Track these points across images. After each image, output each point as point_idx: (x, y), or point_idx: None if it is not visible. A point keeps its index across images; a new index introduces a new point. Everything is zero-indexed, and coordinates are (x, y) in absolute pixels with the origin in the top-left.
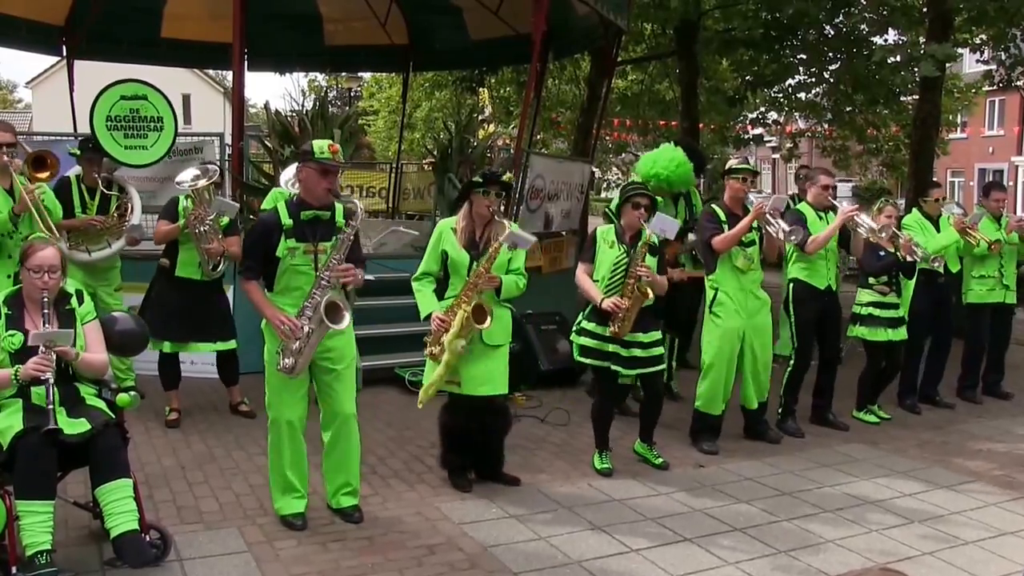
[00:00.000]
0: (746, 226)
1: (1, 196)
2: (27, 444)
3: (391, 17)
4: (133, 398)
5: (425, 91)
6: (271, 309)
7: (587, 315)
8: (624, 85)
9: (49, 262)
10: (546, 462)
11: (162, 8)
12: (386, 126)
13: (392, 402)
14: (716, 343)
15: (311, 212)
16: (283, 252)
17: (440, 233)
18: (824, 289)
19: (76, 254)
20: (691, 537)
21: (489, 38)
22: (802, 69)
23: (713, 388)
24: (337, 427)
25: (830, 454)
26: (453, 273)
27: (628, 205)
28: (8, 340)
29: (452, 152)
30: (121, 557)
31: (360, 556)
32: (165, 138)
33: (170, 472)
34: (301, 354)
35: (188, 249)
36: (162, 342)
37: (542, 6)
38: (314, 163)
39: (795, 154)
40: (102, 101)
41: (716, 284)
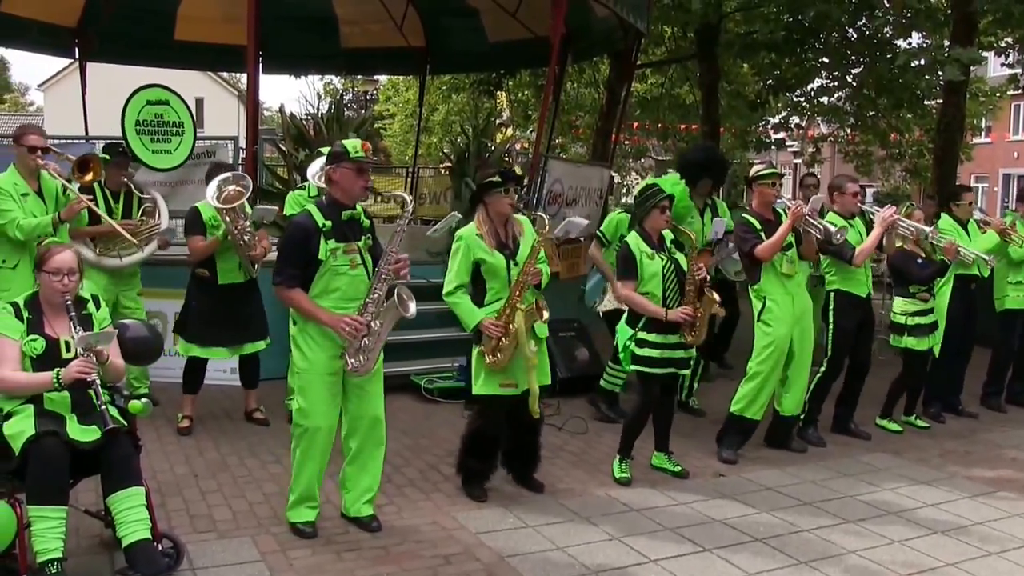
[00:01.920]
0: (787, 231)
1: (32, 198)
2: (40, 449)
3: (408, 19)
4: (146, 405)
5: (442, 94)
6: (327, 313)
7: (644, 327)
8: (644, 88)
9: (68, 265)
10: (564, 471)
11: (175, 10)
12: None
13: (407, 410)
14: (766, 352)
15: (349, 212)
16: (325, 254)
17: (467, 243)
18: (865, 297)
19: (106, 260)
20: (710, 547)
21: (507, 40)
22: (824, 73)
23: (756, 392)
24: (366, 430)
25: (852, 463)
26: (490, 277)
27: (656, 210)
28: (30, 344)
29: (469, 156)
30: (133, 566)
31: (375, 566)
32: (186, 142)
33: (183, 480)
34: (372, 350)
35: (227, 258)
36: (208, 349)
37: (561, 8)
38: (350, 163)
39: (817, 159)
40: (131, 106)
41: (764, 293)
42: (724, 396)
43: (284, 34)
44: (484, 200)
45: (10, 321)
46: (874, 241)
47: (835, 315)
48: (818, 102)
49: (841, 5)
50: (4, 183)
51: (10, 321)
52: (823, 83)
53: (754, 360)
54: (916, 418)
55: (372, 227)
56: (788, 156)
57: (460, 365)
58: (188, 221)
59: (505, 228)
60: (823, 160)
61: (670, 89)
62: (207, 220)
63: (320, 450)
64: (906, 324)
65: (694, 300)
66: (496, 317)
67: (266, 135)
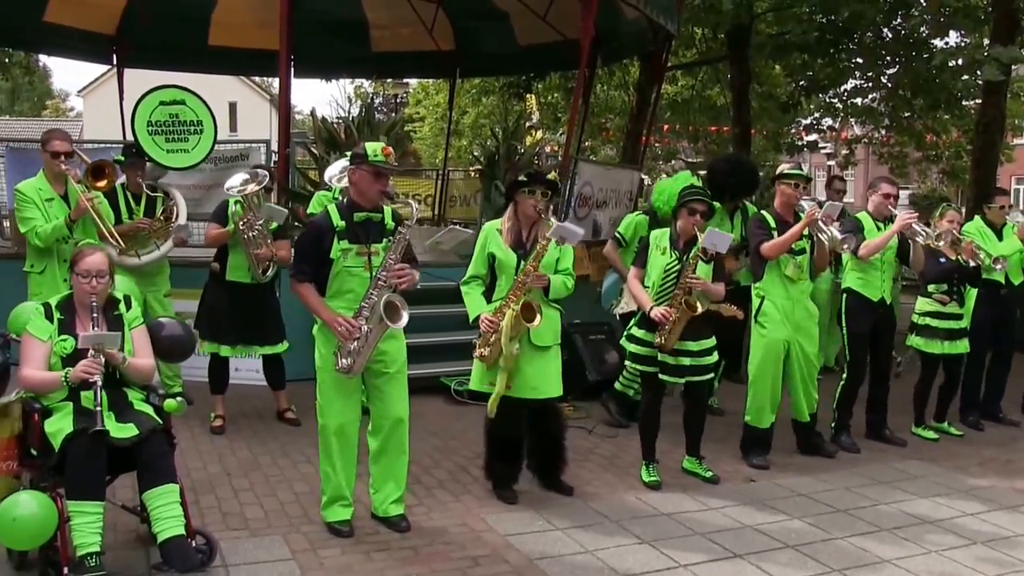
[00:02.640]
0: (797, 233)
1: (57, 203)
2: (77, 446)
3: (438, 23)
4: (180, 404)
5: (472, 97)
6: (327, 311)
7: (638, 321)
8: (674, 91)
9: (97, 267)
10: (593, 474)
11: (210, 16)
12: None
13: (437, 411)
14: (760, 354)
15: (364, 214)
16: (337, 254)
17: (486, 235)
18: (877, 301)
19: (126, 259)
20: (742, 553)
21: (537, 43)
22: (858, 73)
23: (759, 400)
24: (388, 431)
25: (887, 470)
26: (501, 274)
27: (684, 210)
28: (60, 344)
29: (499, 159)
30: (168, 562)
31: (404, 566)
32: (205, 140)
33: (216, 479)
34: (359, 354)
35: (238, 253)
36: (217, 346)
37: (591, 11)
38: (368, 166)
39: (851, 161)
40: (142, 107)
41: (763, 293)
42: None
43: (316, 39)
44: (515, 198)
45: (40, 322)
46: (885, 239)
47: (847, 318)
48: (852, 103)
49: (876, 4)
50: (28, 189)
51: (40, 322)
52: (857, 84)
53: (751, 365)
54: (949, 425)
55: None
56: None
57: None
58: (214, 212)
59: (530, 230)
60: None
61: (701, 91)
62: (231, 214)
63: (339, 447)
64: (917, 323)
65: (678, 305)
66: (493, 313)
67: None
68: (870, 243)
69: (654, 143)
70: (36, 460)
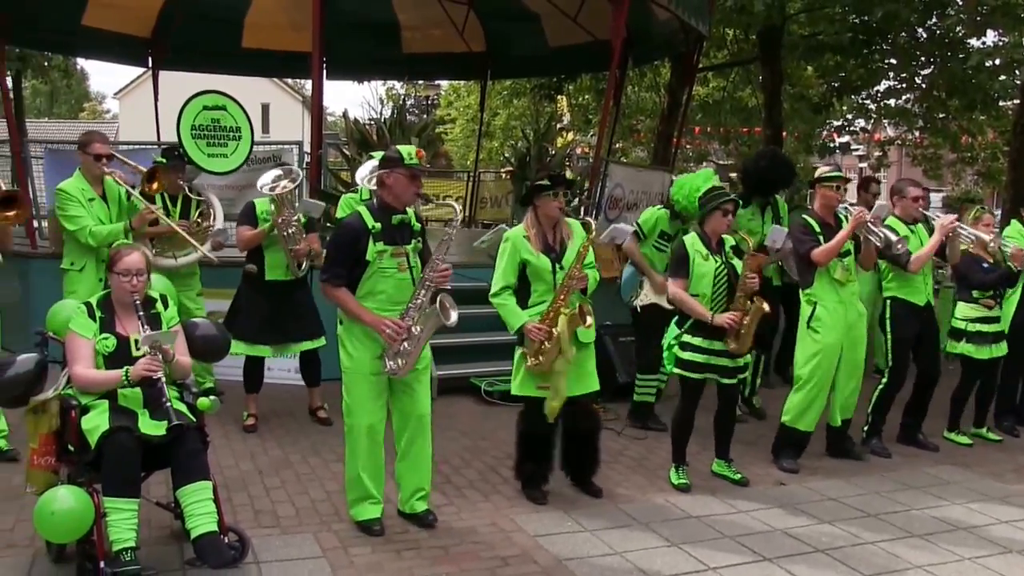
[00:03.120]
0: (847, 236)
1: (98, 203)
2: (113, 444)
3: (469, 24)
4: (213, 402)
5: (503, 99)
6: (370, 314)
7: (689, 329)
8: (705, 92)
9: (137, 266)
10: (623, 476)
11: (243, 19)
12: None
13: (467, 412)
14: (815, 359)
15: (399, 216)
16: (373, 256)
17: (514, 244)
18: (923, 306)
19: (162, 260)
20: (771, 557)
21: (567, 45)
22: (892, 74)
23: (806, 403)
24: (413, 429)
25: (919, 476)
26: (535, 280)
27: (717, 212)
28: (103, 342)
29: (530, 160)
30: (201, 557)
31: (434, 565)
32: (243, 147)
33: (248, 476)
34: (410, 355)
35: (274, 252)
36: (255, 346)
37: (622, 12)
38: (403, 168)
39: (884, 163)
40: (187, 111)
41: (815, 298)
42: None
43: (348, 40)
44: (534, 202)
45: (84, 321)
46: (932, 248)
47: (892, 324)
48: (885, 105)
49: (911, 4)
50: (71, 188)
51: (84, 321)
52: (890, 85)
53: (801, 368)
54: (987, 430)
55: (423, 231)
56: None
57: None
58: (242, 213)
59: (554, 231)
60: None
61: (732, 92)
62: (260, 214)
63: (365, 447)
64: (966, 330)
65: (743, 307)
66: (540, 320)
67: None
68: (920, 255)
69: (685, 145)
70: (73, 456)
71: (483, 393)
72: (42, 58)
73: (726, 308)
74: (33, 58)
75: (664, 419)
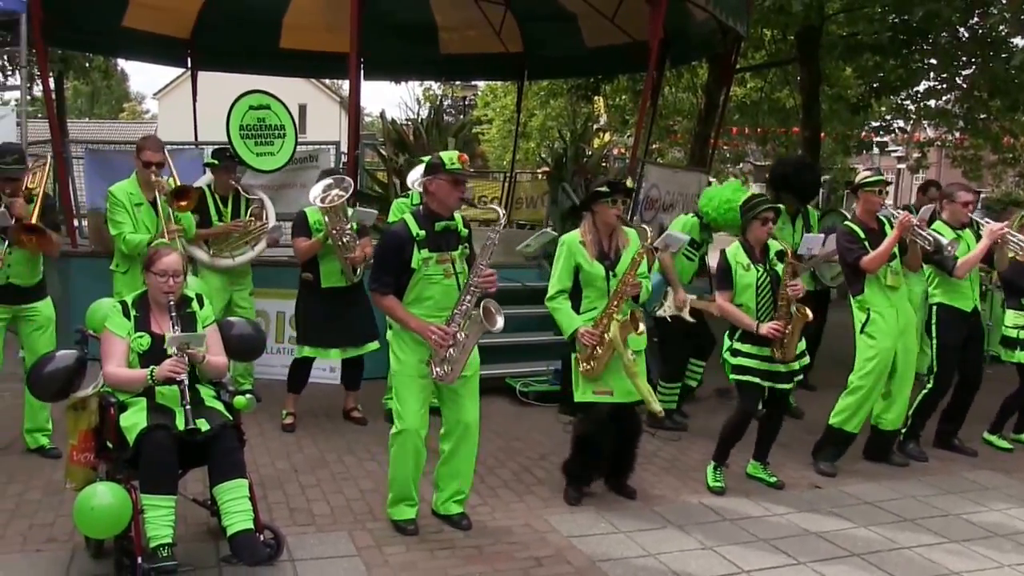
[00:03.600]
0: (895, 242)
1: (146, 208)
2: (151, 441)
3: (506, 25)
4: (250, 401)
5: (540, 100)
6: (417, 321)
7: (739, 338)
8: (743, 93)
9: (173, 267)
10: (656, 477)
11: (281, 20)
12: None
13: (502, 412)
14: (870, 364)
15: (444, 223)
16: (418, 263)
17: (569, 248)
18: (970, 311)
19: (220, 260)
20: (806, 560)
21: (605, 45)
22: (932, 74)
23: (858, 406)
24: (460, 435)
25: (957, 480)
26: (587, 286)
27: (756, 221)
28: (137, 341)
29: (567, 161)
30: (236, 554)
31: (468, 565)
32: (288, 144)
33: (283, 475)
34: (456, 361)
35: (329, 261)
36: (321, 349)
37: (659, 12)
38: (446, 174)
39: (923, 164)
40: (235, 111)
41: (868, 305)
42: (822, 407)
43: (385, 41)
44: (592, 209)
45: (119, 319)
46: (979, 253)
47: (938, 330)
48: (924, 105)
49: (952, 3)
50: (120, 193)
51: (119, 319)
52: (930, 85)
53: (856, 373)
54: None
55: (470, 236)
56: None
57: (555, 369)
58: (295, 224)
59: (610, 239)
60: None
61: (769, 93)
62: (312, 224)
63: (411, 451)
64: (1018, 338)
65: (786, 315)
66: (592, 326)
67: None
68: (967, 260)
69: (722, 146)
70: (112, 453)
71: (518, 394)
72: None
73: (772, 316)
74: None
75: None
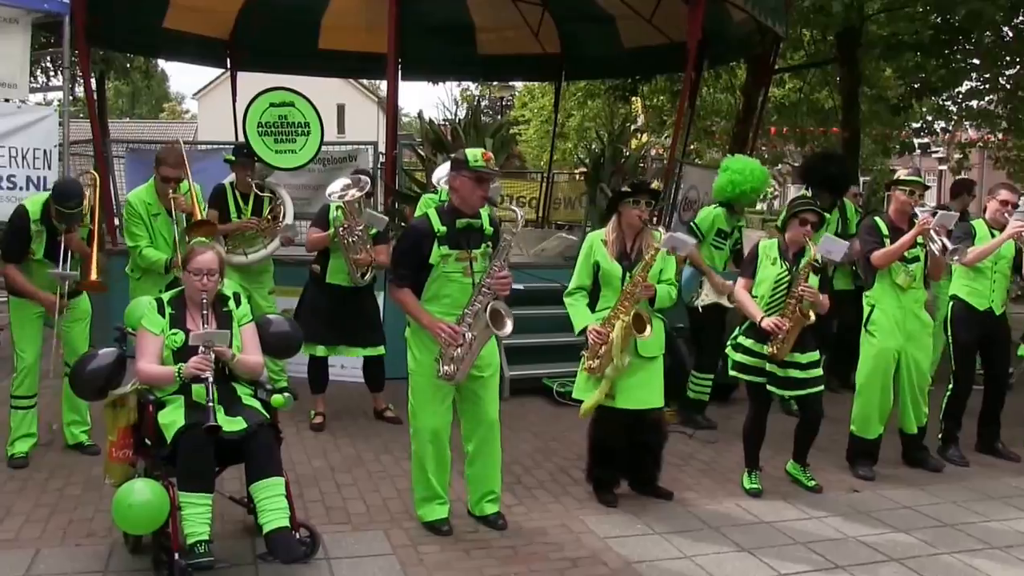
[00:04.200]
0: (908, 242)
1: (162, 218)
2: (189, 439)
3: (543, 26)
4: (287, 399)
5: (577, 100)
6: (428, 317)
7: (744, 331)
8: (781, 93)
9: (208, 265)
10: (693, 479)
11: (319, 20)
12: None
13: (539, 412)
14: (870, 363)
15: (465, 220)
16: (436, 259)
17: (591, 245)
18: (983, 312)
19: (233, 257)
20: (844, 565)
21: (642, 46)
22: (975, 75)
23: (866, 410)
24: (481, 435)
25: (998, 486)
26: (605, 285)
27: (795, 220)
28: (172, 338)
29: (604, 162)
30: (272, 552)
31: (503, 565)
32: (312, 142)
33: (320, 473)
34: (463, 361)
35: (338, 257)
36: (315, 345)
37: (697, 13)
38: (469, 171)
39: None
40: (253, 109)
41: (873, 301)
42: None
43: (423, 42)
44: (618, 209)
45: (154, 316)
46: (988, 247)
47: (952, 327)
48: (967, 106)
49: (996, 2)
50: (137, 202)
51: (154, 316)
52: (973, 86)
53: (859, 372)
54: None
55: (495, 235)
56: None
57: None
58: (316, 214)
59: (634, 240)
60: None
61: (808, 94)
62: (332, 219)
63: (432, 449)
64: None
65: (789, 314)
66: (601, 324)
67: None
68: (976, 250)
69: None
70: (150, 449)
71: (555, 394)
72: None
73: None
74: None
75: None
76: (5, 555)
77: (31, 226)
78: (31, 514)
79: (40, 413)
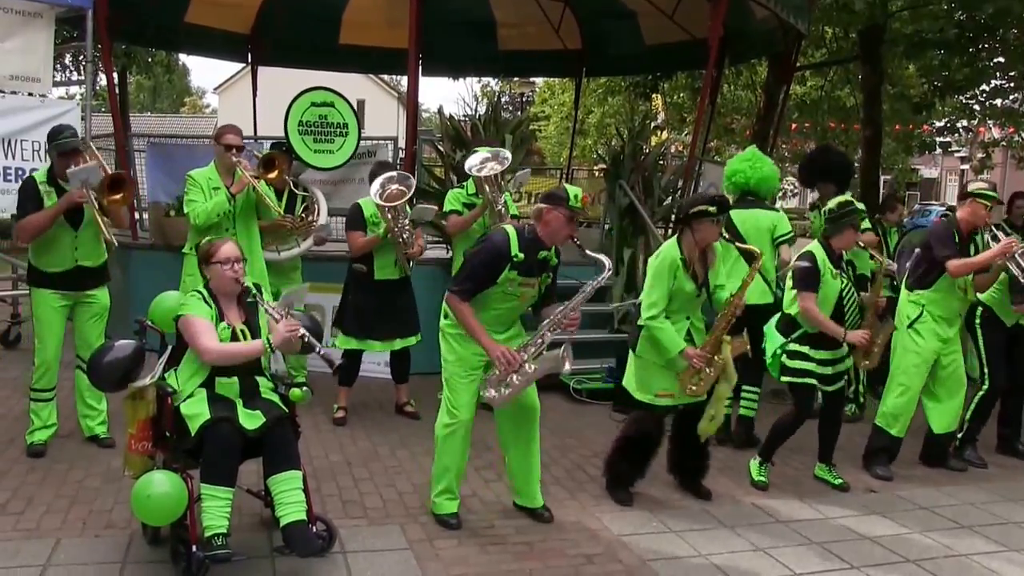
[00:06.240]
0: (991, 258)
1: (223, 193)
2: (216, 434)
3: (564, 22)
4: (305, 393)
5: (598, 97)
6: (488, 338)
7: (798, 338)
8: (803, 91)
9: (235, 253)
10: (710, 478)
11: (341, 16)
12: (557, 132)
13: (556, 409)
14: (912, 361)
15: (545, 253)
16: (503, 280)
17: (670, 268)
18: (1011, 327)
19: (265, 253)
20: (859, 565)
21: (664, 43)
22: (999, 73)
23: (896, 407)
24: (526, 420)
25: (1017, 487)
26: (672, 299)
27: (851, 228)
28: (223, 331)
29: (624, 159)
30: (289, 545)
31: (519, 561)
32: (349, 143)
33: (337, 467)
34: (513, 388)
35: (385, 253)
36: (365, 342)
37: (719, 10)
38: (566, 209)
39: (987, 165)
40: (295, 107)
41: (923, 303)
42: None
43: (444, 37)
44: (692, 225)
45: (200, 304)
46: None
47: (983, 329)
48: (991, 104)
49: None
50: (199, 176)
51: (200, 304)
52: (998, 84)
53: (897, 370)
54: None
55: (556, 268)
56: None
57: (609, 367)
58: (350, 217)
59: (703, 254)
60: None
61: (830, 91)
62: (368, 217)
63: (461, 443)
64: None
65: (873, 325)
66: (701, 348)
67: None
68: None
69: (781, 144)
70: (169, 442)
71: (572, 391)
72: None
73: (856, 325)
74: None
75: None
76: (27, 544)
77: (39, 188)
78: (52, 504)
79: (59, 404)
